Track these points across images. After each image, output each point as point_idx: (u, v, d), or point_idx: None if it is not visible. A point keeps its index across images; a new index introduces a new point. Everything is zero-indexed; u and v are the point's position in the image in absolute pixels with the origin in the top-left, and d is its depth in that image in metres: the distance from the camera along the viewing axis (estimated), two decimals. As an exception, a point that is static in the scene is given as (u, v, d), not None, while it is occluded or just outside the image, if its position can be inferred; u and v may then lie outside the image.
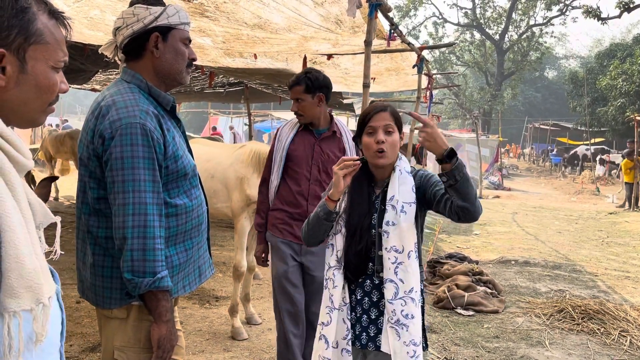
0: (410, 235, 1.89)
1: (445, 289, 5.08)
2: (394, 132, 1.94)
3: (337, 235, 2.01)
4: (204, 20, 4.51)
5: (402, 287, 1.87)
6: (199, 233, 1.75)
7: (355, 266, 1.95)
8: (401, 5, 36.43)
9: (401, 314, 1.86)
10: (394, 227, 1.89)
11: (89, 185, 1.58)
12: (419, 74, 6.50)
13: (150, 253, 1.50)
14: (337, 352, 1.95)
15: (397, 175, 1.95)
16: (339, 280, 1.97)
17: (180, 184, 1.66)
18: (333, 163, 2.62)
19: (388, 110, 1.97)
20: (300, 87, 2.75)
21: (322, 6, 3.90)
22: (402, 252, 1.88)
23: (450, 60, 38.21)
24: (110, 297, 1.60)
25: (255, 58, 6.33)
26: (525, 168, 30.28)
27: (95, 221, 1.59)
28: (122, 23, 1.64)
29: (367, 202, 1.98)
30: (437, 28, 38.02)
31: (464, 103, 36.77)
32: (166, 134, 1.60)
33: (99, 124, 1.54)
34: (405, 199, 1.91)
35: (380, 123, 1.93)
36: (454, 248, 7.83)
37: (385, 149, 1.91)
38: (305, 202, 2.81)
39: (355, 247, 1.94)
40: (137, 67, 1.67)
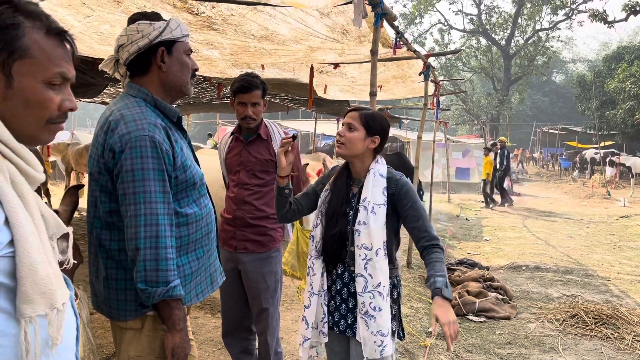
0: (379, 235, 2.06)
1: (456, 296, 5.06)
2: (354, 130, 2.14)
3: (317, 228, 2.21)
4: (211, 33, 4.57)
5: (371, 281, 2.04)
6: (209, 241, 1.78)
7: (332, 250, 2.15)
8: (407, 13, 36.55)
9: (369, 306, 2.03)
10: (365, 226, 2.07)
11: (100, 199, 1.61)
12: (425, 81, 6.53)
13: (163, 263, 1.53)
14: (316, 332, 2.18)
15: (371, 177, 2.14)
16: (317, 268, 2.18)
17: (189, 193, 1.69)
18: (262, 165, 2.65)
19: (359, 112, 2.17)
20: (259, 91, 2.75)
21: (328, 17, 3.94)
22: (371, 249, 2.05)
23: (456, 67, 38.21)
24: (125, 309, 1.63)
25: (263, 69, 6.38)
26: (535, 173, 30.11)
27: (107, 234, 1.62)
28: (126, 40, 1.68)
29: (344, 193, 2.19)
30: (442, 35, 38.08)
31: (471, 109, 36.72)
32: (174, 145, 1.64)
33: (109, 139, 1.58)
34: (375, 201, 2.09)
35: (346, 120, 2.18)
36: (464, 254, 7.80)
37: (342, 141, 2.15)
38: (235, 206, 2.80)
39: (332, 230, 2.15)
40: (143, 81, 1.72)
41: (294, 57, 5.47)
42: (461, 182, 18.61)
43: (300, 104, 10.79)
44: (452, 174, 18.14)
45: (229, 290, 2.83)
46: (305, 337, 2.16)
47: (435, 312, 1.89)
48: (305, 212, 2.34)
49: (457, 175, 18.64)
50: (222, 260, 2.83)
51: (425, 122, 19.05)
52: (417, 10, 35.76)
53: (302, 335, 2.18)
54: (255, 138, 2.79)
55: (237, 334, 2.88)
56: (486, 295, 5.09)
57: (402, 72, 6.82)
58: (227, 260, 2.80)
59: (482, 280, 5.45)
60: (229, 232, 2.78)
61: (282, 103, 10.73)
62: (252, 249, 2.74)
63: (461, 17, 37.75)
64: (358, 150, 2.15)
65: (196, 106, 12.93)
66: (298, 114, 23.54)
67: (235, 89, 2.75)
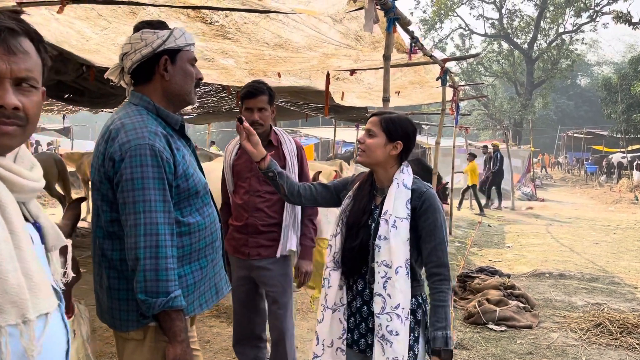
0: (400, 251, 1.92)
1: (476, 304, 4.96)
2: (374, 136, 2.03)
3: (337, 237, 2.10)
4: (226, 42, 4.60)
5: (389, 302, 1.90)
6: (214, 250, 1.76)
7: (350, 262, 2.03)
8: (427, 19, 36.41)
9: (386, 329, 1.89)
10: (385, 241, 1.93)
11: (102, 209, 1.61)
12: (443, 87, 6.47)
13: (163, 273, 1.51)
14: (331, 351, 2.02)
15: (394, 188, 2.01)
16: (334, 280, 2.04)
17: (192, 202, 1.67)
18: None
19: (379, 117, 2.06)
20: (265, 97, 2.73)
21: (340, 23, 3.93)
22: (390, 267, 1.92)
23: (478, 71, 37.87)
24: (127, 320, 1.62)
25: (279, 77, 6.40)
26: (560, 178, 29.56)
27: (109, 244, 1.61)
28: (130, 48, 1.69)
29: (366, 203, 2.06)
30: (463, 40, 37.84)
31: (493, 114, 36.31)
32: (175, 153, 1.62)
33: (109, 147, 1.57)
34: (398, 214, 1.95)
35: (367, 125, 2.08)
36: (486, 261, 7.66)
37: (362, 148, 2.05)
38: (246, 214, 2.77)
39: (352, 242, 2.02)
40: (146, 90, 1.71)
41: (309, 64, 5.47)
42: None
43: (318, 111, 10.81)
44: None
45: (242, 298, 2.82)
46: (315, 355, 2.05)
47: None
48: (317, 202, 2.24)
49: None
50: (234, 268, 2.85)
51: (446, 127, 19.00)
52: (437, 15, 35.59)
53: (313, 352, 2.07)
54: (266, 145, 2.79)
55: (248, 342, 2.86)
56: (507, 303, 4.98)
57: (420, 77, 6.76)
58: (239, 268, 2.79)
59: (502, 288, 5.33)
60: (239, 240, 2.77)
61: (300, 111, 10.77)
62: (265, 254, 2.73)
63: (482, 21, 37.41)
64: (379, 158, 2.02)
65: (216, 115, 13.07)
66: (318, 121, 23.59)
67: (241, 95, 2.77)
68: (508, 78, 37.53)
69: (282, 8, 3.23)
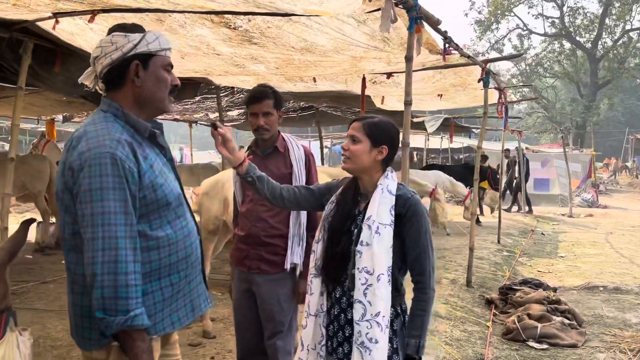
0: (382, 258, 1.86)
1: (516, 319, 4.66)
2: (358, 142, 1.96)
3: (319, 244, 2.04)
4: (253, 47, 4.55)
5: (370, 309, 1.85)
6: (188, 265, 1.65)
7: (332, 270, 1.98)
8: (482, 20, 35.41)
9: (366, 336, 1.83)
10: (367, 247, 1.87)
11: (65, 220, 1.54)
12: (485, 89, 6.17)
13: (122, 290, 1.42)
14: (313, 354, 2.02)
15: (379, 193, 1.94)
16: (315, 287, 2.02)
17: (162, 214, 1.58)
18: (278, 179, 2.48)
19: (362, 122, 1.98)
20: (271, 101, 2.63)
21: (365, 24, 3.79)
22: (372, 274, 1.86)
23: (537, 73, 36.42)
24: (90, 338, 1.54)
25: (315, 81, 6.32)
26: (627, 183, 27.87)
27: (73, 257, 1.54)
28: (100, 52, 1.62)
29: (350, 208, 2.02)
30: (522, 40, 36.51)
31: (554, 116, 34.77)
32: (141, 162, 1.53)
33: (69, 156, 1.51)
34: (381, 220, 1.89)
35: (350, 132, 2.00)
36: (534, 273, 7.25)
37: (347, 155, 1.99)
38: (249, 223, 2.67)
39: (334, 249, 1.98)
40: (117, 96, 1.64)
41: (340, 68, 5.35)
42: (540, 193, 17.53)
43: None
44: (530, 185, 17.17)
45: (244, 312, 2.72)
46: (300, 359, 2.03)
47: None
48: (301, 206, 2.20)
49: (536, 186, 17.60)
50: (235, 281, 2.76)
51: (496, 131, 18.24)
52: (493, 16, 34.53)
53: (298, 357, 2.04)
54: (272, 151, 2.69)
55: (253, 356, 2.75)
56: (550, 319, 4.65)
57: (461, 79, 6.49)
58: (240, 281, 2.70)
59: (546, 303, 4.98)
60: (243, 251, 2.68)
61: (343, 115, 10.64)
62: (265, 269, 2.62)
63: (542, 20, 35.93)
64: (364, 164, 1.96)
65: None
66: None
67: (246, 100, 2.68)
68: (570, 79, 35.84)
69: (295, 10, 3.14)
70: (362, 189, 2.04)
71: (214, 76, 6.07)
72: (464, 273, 6.33)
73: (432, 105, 8.96)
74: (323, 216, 2.08)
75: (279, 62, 5.04)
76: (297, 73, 5.55)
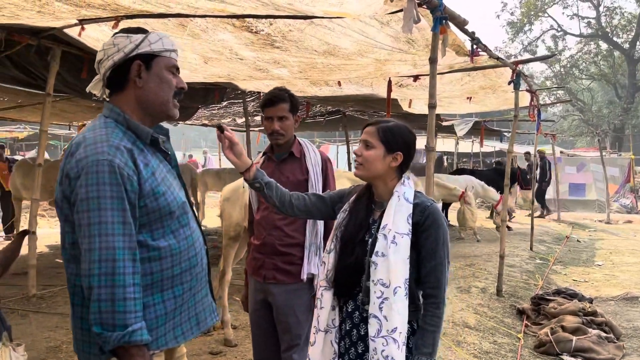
0: (399, 270, 1.75)
1: (549, 331, 4.46)
2: (372, 148, 1.87)
3: (331, 254, 1.93)
4: (275, 51, 4.50)
5: (385, 325, 1.73)
6: (192, 277, 1.58)
7: (344, 282, 1.87)
8: (514, 21, 34.72)
9: (382, 354, 1.72)
10: (383, 258, 1.76)
11: (64, 230, 1.49)
12: (516, 91, 5.97)
13: (120, 304, 1.36)
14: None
15: (395, 201, 1.83)
16: (326, 301, 1.90)
17: (165, 223, 1.51)
18: (294, 186, 2.37)
19: (376, 126, 1.88)
20: (286, 104, 2.52)
21: (388, 25, 3.69)
22: (388, 286, 1.75)
23: (572, 74, 35.47)
24: (89, 353, 1.49)
25: (340, 85, 6.24)
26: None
27: (72, 268, 1.49)
28: (103, 55, 1.57)
29: (364, 217, 1.92)
30: (556, 41, 35.61)
31: (590, 119, 33.78)
32: (142, 169, 1.47)
33: (67, 163, 1.45)
34: (398, 229, 1.78)
35: (363, 137, 1.90)
36: (569, 282, 6.97)
37: (360, 161, 1.89)
38: (264, 232, 2.56)
39: (346, 259, 1.87)
40: (119, 99, 1.58)
41: (364, 72, 5.25)
42: (575, 199, 16.99)
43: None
44: (565, 190, 16.66)
45: (260, 323, 2.63)
46: None
47: None
48: (311, 214, 2.10)
49: (571, 191, 17.05)
50: (251, 291, 2.68)
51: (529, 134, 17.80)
52: (525, 17, 33.82)
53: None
54: (287, 157, 2.60)
55: None
56: (585, 332, 4.42)
57: (491, 81, 6.31)
58: (256, 291, 2.62)
59: (582, 314, 4.75)
60: (258, 261, 2.59)
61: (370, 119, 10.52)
62: (281, 279, 2.53)
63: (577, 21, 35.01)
64: (378, 171, 1.87)
65: (290, 125, 13.17)
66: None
67: (261, 103, 2.60)
68: (607, 80, 34.77)
69: (314, 11, 3.06)
70: (377, 197, 1.94)
71: (239, 81, 6.05)
72: (494, 281, 6.12)
73: (461, 109, 8.75)
74: (335, 225, 1.98)
75: (302, 66, 4.97)
76: (321, 77, 5.47)
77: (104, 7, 3.64)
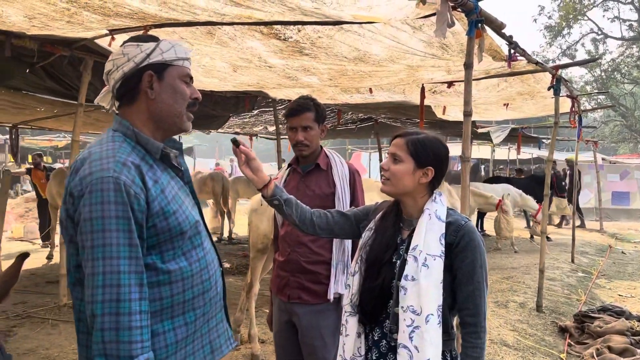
0: (431, 296, 1.58)
1: (594, 352, 4.19)
2: (400, 162, 1.72)
3: (355, 276, 1.77)
4: (304, 58, 4.41)
5: (417, 356, 1.57)
6: (206, 302, 1.46)
7: (369, 307, 1.71)
8: (552, 25, 33.84)
9: None
10: (413, 282, 1.60)
11: (69, 251, 1.38)
12: (556, 97, 5.71)
13: (125, 333, 1.25)
14: None
15: (425, 219, 1.67)
16: (351, 328, 1.75)
17: (176, 244, 1.40)
18: (320, 200, 2.23)
19: (405, 138, 1.73)
20: (311, 114, 2.39)
21: (421, 30, 3.54)
22: (419, 314, 1.58)
23: (614, 78, 34.29)
24: None
25: (371, 92, 6.11)
26: None
27: (78, 292, 1.39)
28: (112, 66, 1.47)
29: (391, 236, 1.75)
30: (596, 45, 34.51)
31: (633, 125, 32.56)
32: (150, 187, 1.36)
33: (71, 180, 1.36)
34: (429, 251, 1.61)
35: (391, 149, 1.76)
36: (614, 297, 6.61)
37: (387, 176, 1.74)
38: (289, 248, 2.42)
39: (372, 282, 1.71)
40: (129, 112, 1.48)
41: (396, 78, 5.10)
42: (619, 208, 16.31)
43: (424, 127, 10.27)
44: (608, 199, 16.02)
45: (284, 345, 2.50)
46: None
47: None
48: (334, 233, 1.95)
49: (614, 200, 16.39)
50: (275, 311, 2.55)
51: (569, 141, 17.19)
52: (564, 20, 32.92)
53: None
54: (313, 169, 2.48)
55: None
56: (634, 353, 4.14)
57: (529, 87, 6.06)
58: (281, 311, 2.49)
59: (629, 334, 4.46)
60: (282, 279, 2.46)
61: (403, 126, 10.34)
62: (306, 299, 2.39)
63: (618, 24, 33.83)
64: (406, 187, 1.71)
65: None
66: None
67: (285, 113, 2.48)
68: (651, 85, 33.50)
69: (343, 16, 2.94)
70: (405, 214, 1.77)
71: (269, 89, 5.99)
72: (534, 296, 5.84)
73: (498, 115, 8.48)
74: (360, 245, 1.82)
75: (332, 73, 4.86)
76: (351, 84, 5.35)
77: (131, 16, 3.62)
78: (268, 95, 6.47)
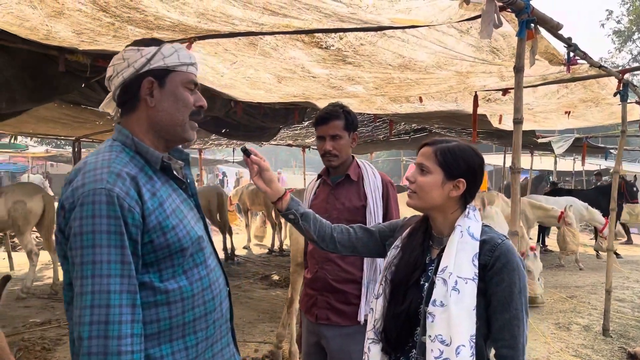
0: (462, 324, 1.40)
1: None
2: (428, 173, 1.56)
3: (379, 299, 1.60)
4: (348, 67, 4.29)
5: None
6: (209, 325, 1.35)
7: (394, 335, 1.53)
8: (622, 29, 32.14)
9: None
10: (442, 309, 1.42)
11: (64, 267, 1.31)
12: (623, 103, 5.30)
13: (113, 358, 1.15)
14: None
15: (457, 237, 1.49)
16: (374, 356, 1.60)
17: (175, 262, 1.30)
18: (350, 214, 2.11)
19: (433, 147, 1.56)
20: (340, 122, 2.27)
21: (468, 34, 3.34)
22: (449, 344, 1.39)
23: (691, 84, 32.09)
24: None
25: (421, 101, 5.91)
26: None
27: (71, 312, 1.29)
28: (112, 71, 1.40)
29: (418, 255, 1.59)
30: (671, 48, 32.45)
31: None
32: (147, 199, 1.27)
33: (64, 192, 1.28)
34: (461, 273, 1.43)
35: (418, 159, 1.60)
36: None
37: (413, 189, 1.58)
38: (317, 265, 2.27)
39: (397, 307, 1.56)
40: (130, 120, 1.41)
41: (446, 86, 4.89)
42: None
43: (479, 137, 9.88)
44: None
45: None
46: None
47: None
48: (356, 250, 1.80)
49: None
50: (304, 332, 2.41)
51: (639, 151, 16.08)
52: (634, 24, 31.20)
53: None
54: (343, 180, 2.34)
55: None
56: None
57: (593, 93, 5.66)
58: (309, 333, 2.35)
59: None
60: (310, 298, 2.34)
61: (458, 137, 9.99)
62: (335, 320, 2.24)
63: (696, 25, 31.66)
64: (435, 201, 1.55)
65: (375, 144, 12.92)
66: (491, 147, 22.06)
67: (313, 121, 2.37)
68: None
69: (380, 20, 2.80)
70: (435, 231, 1.61)
71: (315, 100, 5.91)
72: (600, 318, 5.40)
73: (559, 124, 8.01)
74: (385, 265, 1.66)
75: (378, 82, 4.71)
76: (399, 93, 5.18)
77: (172, 29, 3.63)
78: (315, 105, 6.40)
